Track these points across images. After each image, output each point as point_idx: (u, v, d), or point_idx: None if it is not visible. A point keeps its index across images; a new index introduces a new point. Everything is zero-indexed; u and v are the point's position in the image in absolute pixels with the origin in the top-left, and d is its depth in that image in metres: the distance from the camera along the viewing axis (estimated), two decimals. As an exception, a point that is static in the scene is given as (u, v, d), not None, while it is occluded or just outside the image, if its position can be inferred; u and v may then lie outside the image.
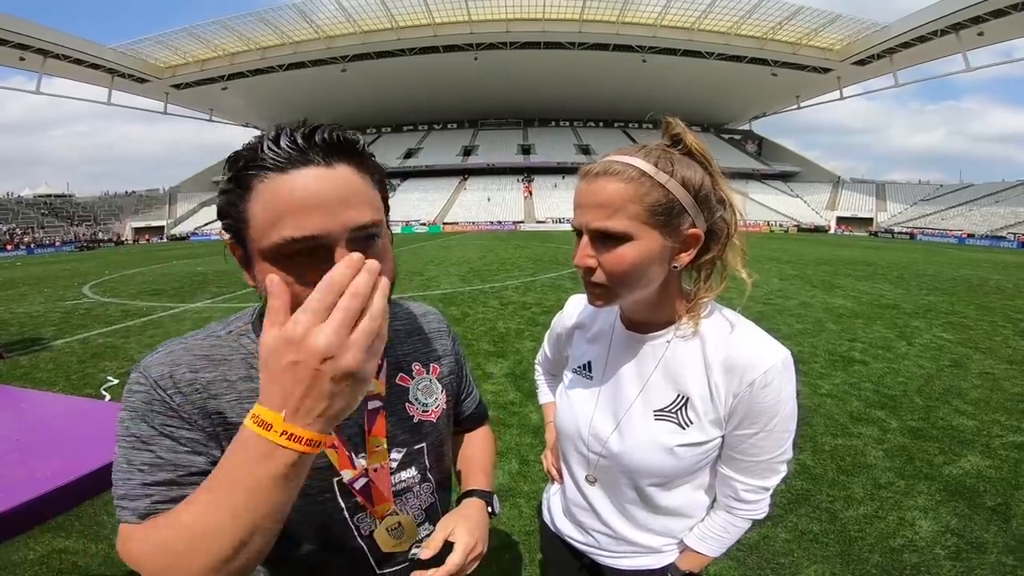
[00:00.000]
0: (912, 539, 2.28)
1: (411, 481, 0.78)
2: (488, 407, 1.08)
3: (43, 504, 1.11)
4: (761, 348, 0.78)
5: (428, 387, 0.81)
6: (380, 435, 0.73)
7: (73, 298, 9.70)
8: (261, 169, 0.54)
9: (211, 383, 0.63)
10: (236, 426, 0.59)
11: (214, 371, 0.64)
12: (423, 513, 0.79)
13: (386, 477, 0.74)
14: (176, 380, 0.61)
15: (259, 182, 0.54)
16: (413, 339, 0.84)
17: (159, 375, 0.61)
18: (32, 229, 38.59)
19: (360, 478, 0.71)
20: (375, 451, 0.72)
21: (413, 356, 0.82)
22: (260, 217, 0.54)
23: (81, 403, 1.82)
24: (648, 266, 0.74)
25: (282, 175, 0.54)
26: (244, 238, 0.58)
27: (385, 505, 0.74)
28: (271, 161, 0.54)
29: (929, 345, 5.52)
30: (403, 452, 0.76)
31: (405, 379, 0.79)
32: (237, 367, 0.66)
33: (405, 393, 0.78)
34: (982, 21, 33.90)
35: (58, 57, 38.10)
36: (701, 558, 0.92)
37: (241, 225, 0.57)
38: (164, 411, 0.60)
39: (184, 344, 0.66)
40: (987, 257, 19.26)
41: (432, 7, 41.33)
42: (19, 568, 2.14)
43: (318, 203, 0.53)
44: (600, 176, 0.74)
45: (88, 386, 4.43)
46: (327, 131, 0.56)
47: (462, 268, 13.20)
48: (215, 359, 0.65)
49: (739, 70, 47.61)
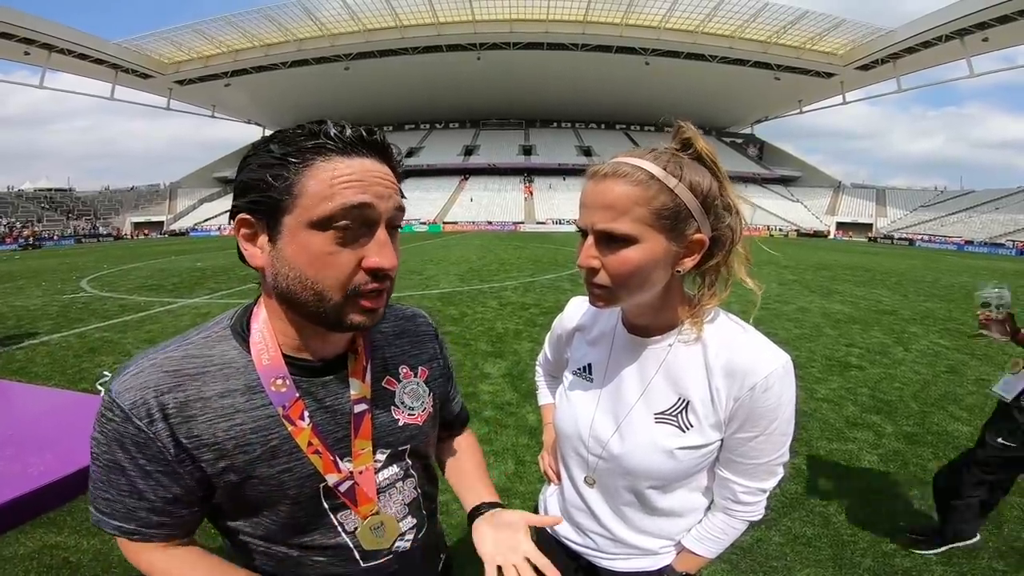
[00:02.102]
0: (904, 544, 2.28)
1: (394, 478, 0.78)
2: (487, 407, 1.08)
3: (36, 499, 1.11)
4: (762, 353, 0.78)
5: (415, 391, 0.81)
6: (366, 438, 0.73)
7: (71, 292, 9.68)
8: (323, 149, 0.59)
9: (185, 403, 0.62)
10: (211, 446, 0.62)
11: (187, 389, 0.63)
12: (405, 508, 0.80)
13: (371, 478, 0.74)
14: (148, 408, 0.60)
15: (321, 160, 0.59)
16: (401, 342, 0.84)
17: (131, 404, 0.60)
18: (32, 223, 38.55)
19: (345, 481, 0.71)
20: (360, 454, 0.72)
21: (401, 359, 0.82)
22: (315, 189, 0.58)
23: (76, 398, 1.82)
24: (652, 270, 0.74)
25: (345, 158, 0.60)
26: (280, 209, 0.59)
27: (369, 506, 0.74)
28: (336, 144, 0.60)
29: (926, 351, 5.53)
30: (387, 453, 0.77)
31: (392, 382, 0.79)
32: (213, 381, 0.64)
33: (392, 396, 0.78)
34: (988, 27, 33.86)
35: (63, 52, 38.06)
36: (698, 559, 0.93)
37: (284, 196, 0.59)
38: (137, 443, 0.61)
39: (154, 361, 0.64)
40: (986, 264, 19.28)
41: (436, 6, 41.30)
42: (10, 563, 2.14)
43: (373, 182, 0.61)
44: (608, 177, 0.74)
45: (84, 380, 4.43)
46: (382, 134, 0.64)
47: (461, 268, 13.19)
48: (187, 374, 0.63)
49: (742, 74, 47.60)
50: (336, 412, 0.71)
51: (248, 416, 0.65)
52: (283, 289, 0.62)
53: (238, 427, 0.64)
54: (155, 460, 0.61)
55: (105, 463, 0.62)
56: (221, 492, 0.65)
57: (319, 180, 0.58)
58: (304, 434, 0.67)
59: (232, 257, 1.60)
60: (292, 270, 0.60)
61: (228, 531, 0.72)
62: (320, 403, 0.70)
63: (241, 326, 0.70)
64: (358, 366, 0.74)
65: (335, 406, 0.71)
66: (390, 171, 0.65)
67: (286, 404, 0.66)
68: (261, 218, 0.61)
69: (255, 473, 0.65)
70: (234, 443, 0.63)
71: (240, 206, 0.62)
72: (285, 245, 0.60)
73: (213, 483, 0.64)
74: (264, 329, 0.68)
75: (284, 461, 0.66)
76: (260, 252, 0.63)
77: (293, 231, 0.59)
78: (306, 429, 0.67)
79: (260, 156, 0.61)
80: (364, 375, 0.74)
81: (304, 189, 0.58)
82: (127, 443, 0.61)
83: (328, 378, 0.71)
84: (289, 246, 0.60)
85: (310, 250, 0.59)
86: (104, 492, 0.63)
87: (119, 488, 0.62)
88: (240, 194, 0.62)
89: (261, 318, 0.69)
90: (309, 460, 0.67)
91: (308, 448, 0.67)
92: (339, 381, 0.72)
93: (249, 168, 0.61)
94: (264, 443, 0.65)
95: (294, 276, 0.60)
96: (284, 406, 0.66)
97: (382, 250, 0.61)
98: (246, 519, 0.69)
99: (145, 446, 0.61)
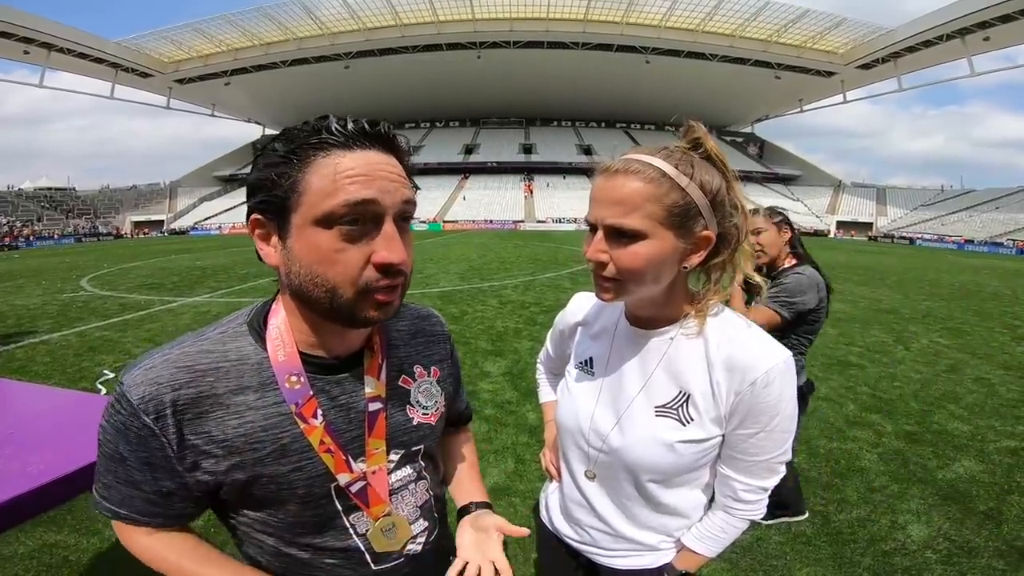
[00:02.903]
0: (904, 543, 2.29)
1: (407, 479, 0.78)
2: (487, 405, 1.09)
3: (37, 498, 1.11)
4: (763, 348, 0.79)
5: (429, 390, 0.81)
6: (380, 437, 0.72)
7: (71, 291, 9.69)
8: (326, 144, 0.59)
9: (196, 400, 0.62)
10: (220, 443, 0.62)
11: (199, 385, 0.62)
12: (417, 510, 0.79)
13: (383, 479, 0.73)
14: (157, 403, 0.60)
15: (323, 155, 0.59)
16: (416, 341, 0.84)
17: (140, 398, 0.60)
18: (32, 222, 38.54)
19: (357, 482, 0.70)
20: (374, 453, 0.72)
21: (415, 359, 0.82)
22: (318, 185, 0.58)
23: (76, 397, 1.82)
24: (660, 265, 0.76)
25: (348, 152, 0.59)
26: (287, 207, 0.60)
27: (381, 507, 0.73)
28: (338, 138, 0.59)
29: (926, 350, 5.53)
30: (401, 453, 0.76)
31: (408, 381, 0.79)
32: (226, 377, 0.64)
33: (407, 395, 0.78)
34: (989, 26, 33.81)
35: (62, 51, 38.01)
36: (698, 558, 0.93)
37: (290, 194, 0.59)
38: (143, 437, 0.61)
39: (167, 356, 0.63)
40: (986, 263, 19.27)
41: (436, 5, 41.23)
42: (10, 562, 2.15)
43: (378, 176, 0.60)
44: (620, 174, 0.75)
45: (84, 379, 4.43)
46: (387, 125, 0.63)
47: (462, 266, 13.19)
48: (200, 370, 0.63)
49: (743, 72, 47.52)
50: (350, 410, 0.70)
51: (260, 413, 0.64)
52: (296, 287, 0.63)
53: (249, 424, 0.64)
54: (155, 455, 0.62)
55: (109, 452, 0.63)
56: (229, 489, 0.65)
57: (322, 176, 0.58)
58: (316, 432, 0.66)
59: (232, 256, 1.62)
60: (303, 268, 0.61)
61: (238, 530, 0.72)
62: (334, 401, 0.69)
63: (258, 322, 0.70)
64: (374, 364, 0.73)
65: (349, 404, 0.71)
66: (397, 163, 0.64)
67: (299, 402, 0.66)
68: (272, 218, 0.62)
69: (264, 471, 0.64)
70: (244, 440, 0.63)
71: (251, 206, 0.63)
72: (294, 243, 0.61)
73: (220, 480, 0.64)
74: (281, 325, 0.68)
75: (295, 460, 0.66)
76: (273, 251, 0.64)
77: (300, 229, 0.60)
78: (319, 428, 0.67)
79: (266, 156, 0.62)
80: (379, 373, 0.74)
81: (308, 186, 0.58)
82: (131, 436, 0.61)
83: (343, 376, 0.71)
84: (298, 244, 0.60)
85: (318, 248, 0.59)
86: (104, 477, 0.65)
87: (117, 476, 0.64)
88: (251, 195, 0.63)
89: (279, 315, 0.69)
90: (321, 459, 0.67)
91: (320, 447, 0.67)
92: (354, 379, 0.72)
93: (257, 168, 0.62)
94: (275, 441, 0.65)
95: (305, 274, 0.61)
96: (297, 403, 0.66)
97: (390, 244, 0.60)
98: (256, 518, 0.69)
99: (147, 440, 0.61)
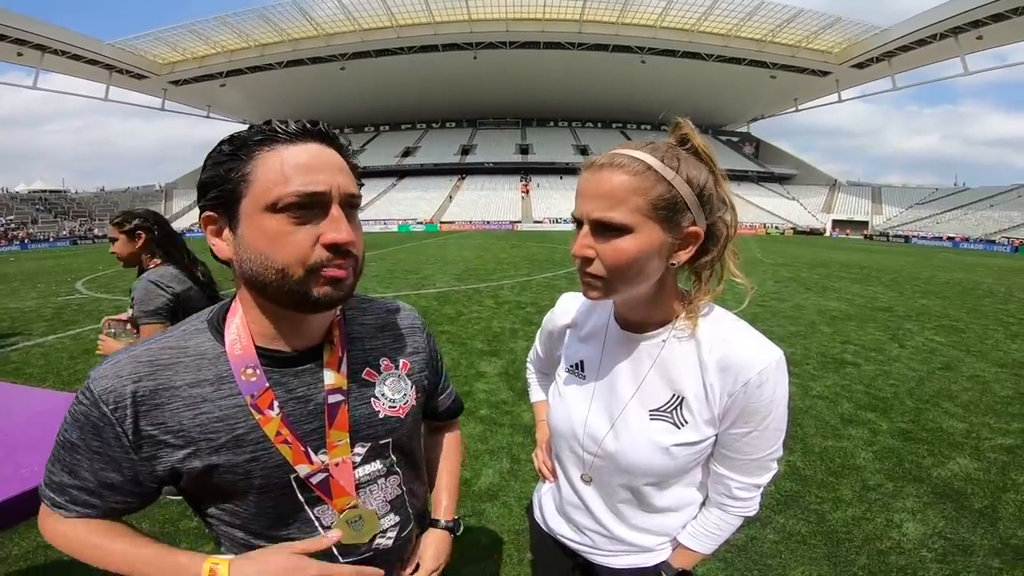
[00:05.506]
0: (899, 541, 2.29)
1: (376, 474, 0.78)
2: (482, 405, 1.09)
3: (28, 500, 1.10)
4: (756, 348, 0.79)
5: (396, 383, 0.82)
6: (342, 429, 0.73)
7: (66, 294, 9.63)
8: (271, 140, 0.64)
9: (155, 392, 0.65)
10: (176, 433, 0.64)
11: (158, 378, 0.65)
12: (387, 505, 0.80)
13: (348, 471, 0.74)
14: (118, 394, 0.63)
15: (268, 150, 0.63)
16: (383, 335, 0.85)
17: (102, 389, 0.64)
18: (26, 224, 38.32)
19: (318, 473, 0.71)
20: (337, 445, 0.73)
21: (382, 352, 0.83)
22: (266, 177, 0.62)
23: (70, 400, 1.81)
24: (647, 260, 0.74)
25: (291, 145, 0.64)
26: (236, 198, 0.63)
27: (345, 499, 0.74)
28: (282, 135, 0.64)
29: (921, 348, 5.56)
30: (367, 447, 0.77)
31: (372, 374, 0.80)
32: (184, 371, 0.67)
33: (371, 388, 0.79)
34: (982, 25, 34.09)
35: (56, 53, 37.89)
36: (694, 555, 0.93)
37: (239, 185, 0.63)
38: (99, 427, 0.64)
39: (132, 352, 0.67)
40: (980, 261, 19.40)
41: (432, 6, 41.25)
42: (3, 564, 2.13)
43: (322, 166, 0.64)
44: (605, 167, 0.74)
45: (78, 382, 4.38)
46: (325, 124, 0.68)
47: (458, 267, 13.19)
48: (160, 364, 0.66)
49: (738, 72, 47.71)
50: (308, 402, 0.71)
51: (215, 405, 0.67)
52: (249, 274, 0.65)
53: (204, 415, 0.66)
54: (107, 445, 0.64)
55: (62, 440, 0.66)
56: (188, 479, 0.67)
57: (268, 167, 0.62)
58: (272, 423, 0.68)
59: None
60: (253, 253, 0.63)
61: (212, 526, 0.74)
62: (291, 393, 0.71)
63: (218, 320, 0.73)
64: (333, 356, 0.75)
65: (308, 396, 0.72)
66: (338, 155, 0.68)
67: (255, 393, 0.68)
68: (222, 212, 0.65)
69: (219, 460, 0.66)
70: (199, 430, 0.65)
71: (203, 205, 0.67)
72: (245, 231, 0.64)
73: (176, 469, 0.66)
74: (239, 321, 0.71)
75: (250, 450, 0.67)
76: (225, 244, 0.66)
77: (250, 216, 0.63)
78: (275, 418, 0.68)
79: (214, 156, 0.65)
80: (339, 365, 0.75)
81: (256, 176, 0.62)
82: (86, 425, 0.64)
83: (302, 368, 0.72)
84: (248, 231, 0.63)
85: (268, 232, 0.62)
86: (51, 464, 0.67)
87: (63, 463, 0.66)
88: (202, 194, 0.67)
89: (238, 311, 0.72)
90: (277, 450, 0.68)
91: (276, 438, 0.68)
92: (313, 371, 0.73)
93: (206, 168, 0.66)
94: (230, 431, 0.66)
95: (256, 258, 0.63)
96: (253, 395, 0.67)
97: (337, 225, 0.64)
98: (224, 510, 0.71)
99: (103, 430, 0.64)
